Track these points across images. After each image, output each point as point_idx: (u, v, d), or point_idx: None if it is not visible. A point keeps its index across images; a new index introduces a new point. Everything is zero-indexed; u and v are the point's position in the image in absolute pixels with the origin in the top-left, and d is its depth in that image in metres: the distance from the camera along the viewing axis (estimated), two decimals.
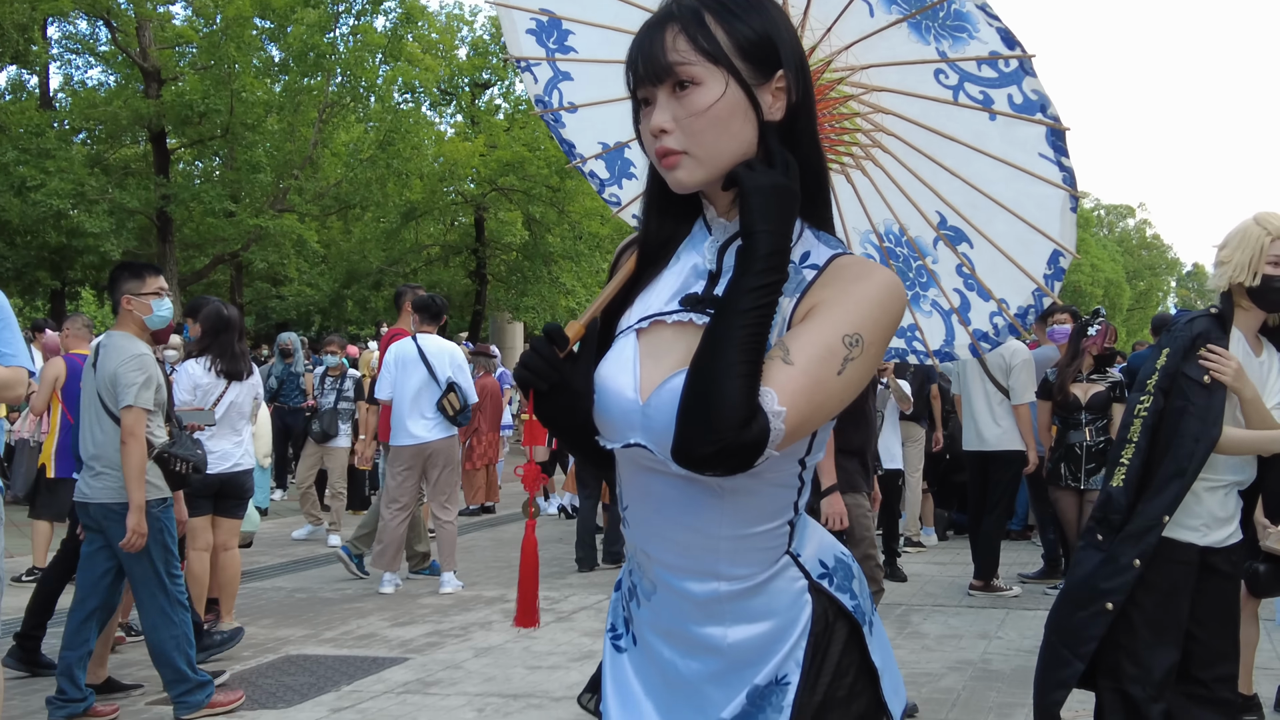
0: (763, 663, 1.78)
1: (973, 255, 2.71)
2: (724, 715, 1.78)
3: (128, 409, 5.55)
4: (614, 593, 1.99)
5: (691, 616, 1.80)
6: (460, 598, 9.03)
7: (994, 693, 6.01)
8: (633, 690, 1.87)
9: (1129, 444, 4.02)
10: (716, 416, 1.61)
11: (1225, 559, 4.06)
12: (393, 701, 6.09)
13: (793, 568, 1.82)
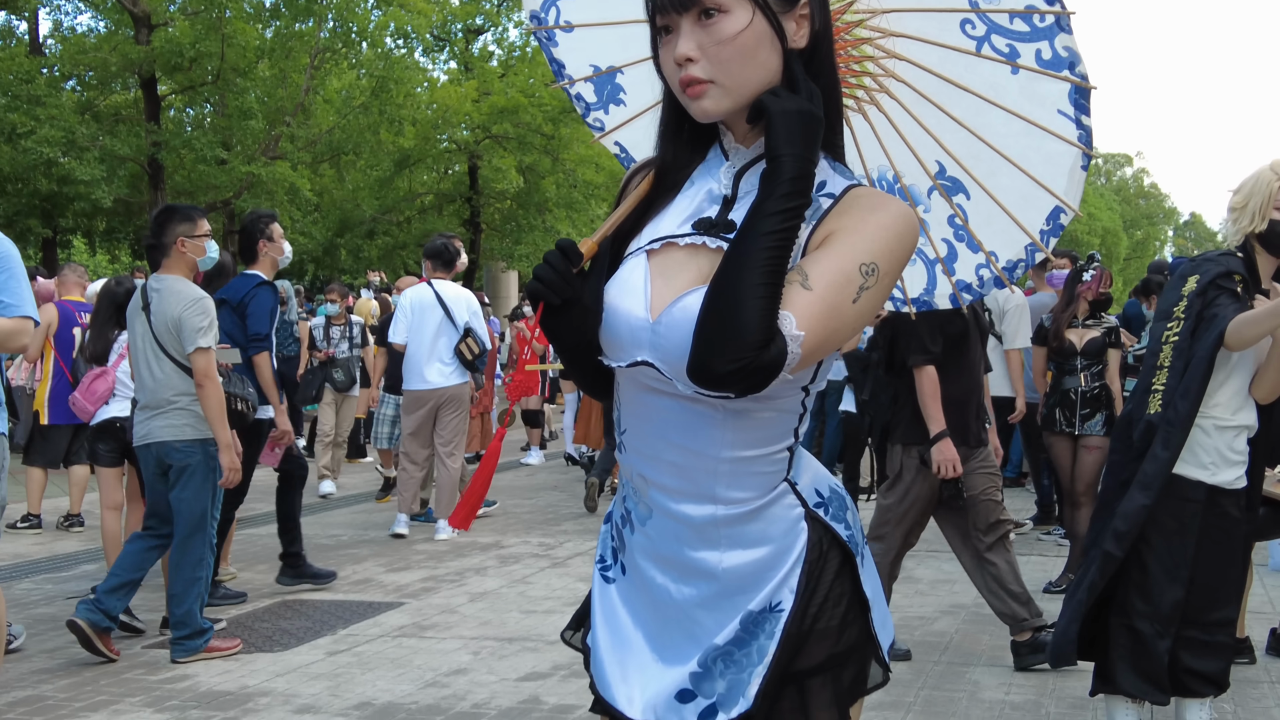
0: (757, 589, 1.79)
1: (968, 207, 2.68)
2: (717, 640, 1.78)
3: (201, 352, 5.72)
4: (604, 525, 1.99)
5: (686, 541, 1.80)
6: (455, 544, 9.06)
7: (986, 636, 6.05)
8: (621, 621, 1.87)
9: (1159, 370, 4.01)
10: (736, 336, 1.62)
11: (1233, 501, 4.06)
12: (389, 645, 6.11)
13: (790, 495, 1.82)
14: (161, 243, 5.94)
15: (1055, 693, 5.08)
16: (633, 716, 1.81)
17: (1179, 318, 4.02)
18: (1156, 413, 3.96)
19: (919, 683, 5.24)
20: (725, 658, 1.78)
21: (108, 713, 5.07)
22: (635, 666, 1.84)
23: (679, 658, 1.81)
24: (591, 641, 1.91)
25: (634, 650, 1.85)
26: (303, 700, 5.20)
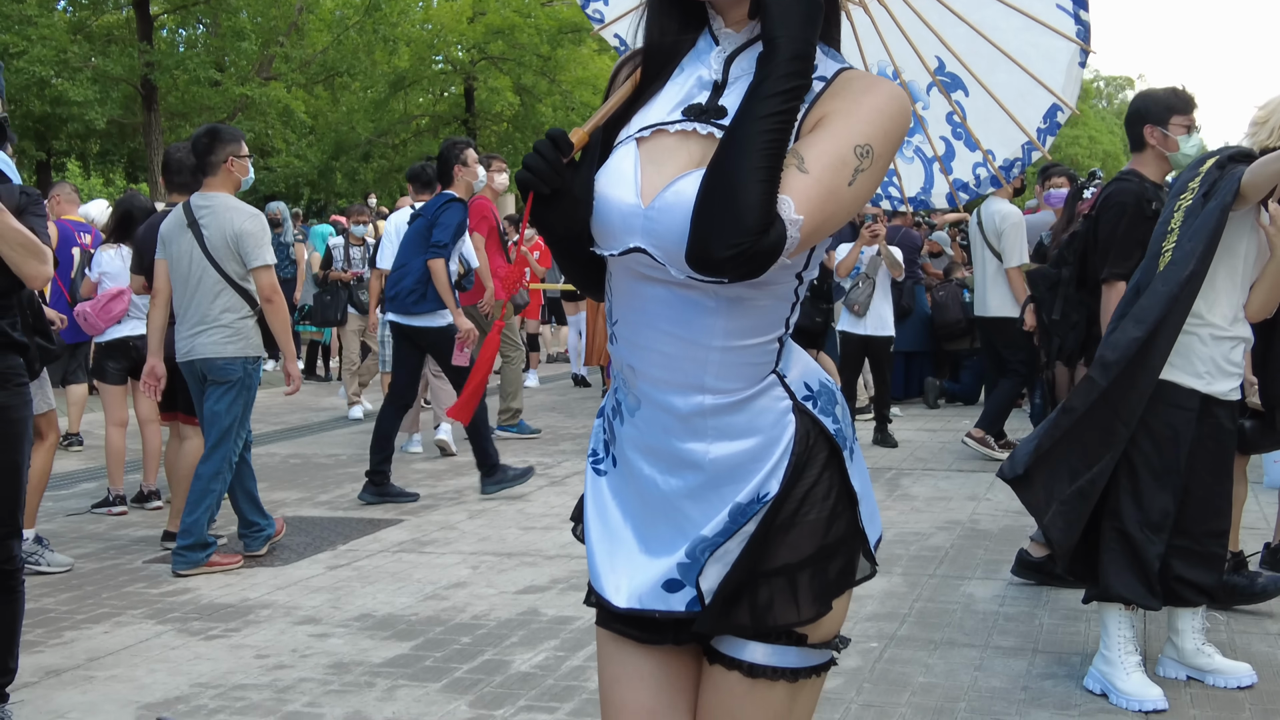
0: (744, 481, 1.79)
1: (966, 104, 2.65)
2: (705, 532, 1.79)
3: (265, 268, 5.93)
4: (597, 419, 1.99)
5: (674, 432, 1.80)
6: (455, 463, 9.10)
7: (981, 550, 6.10)
8: (611, 513, 1.88)
9: (1170, 234, 3.99)
10: (736, 220, 1.61)
11: (1227, 412, 4.07)
12: (388, 559, 6.16)
13: (778, 387, 1.82)
14: (210, 161, 5.99)
15: (1049, 604, 5.13)
16: (619, 605, 1.82)
17: (1192, 189, 4.00)
18: (1161, 271, 3.92)
19: (914, 595, 5.29)
20: (713, 549, 1.78)
21: (109, 624, 5.12)
22: (624, 557, 1.84)
23: (666, 549, 1.81)
24: (585, 532, 1.92)
25: (623, 541, 1.85)
26: (304, 612, 5.25)
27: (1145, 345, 3.88)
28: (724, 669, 1.82)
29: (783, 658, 1.80)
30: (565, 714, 3.99)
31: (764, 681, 1.80)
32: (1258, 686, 4.11)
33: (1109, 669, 4.03)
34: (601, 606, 1.90)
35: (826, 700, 4.05)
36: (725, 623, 1.79)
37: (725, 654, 1.82)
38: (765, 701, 1.81)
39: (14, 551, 3.83)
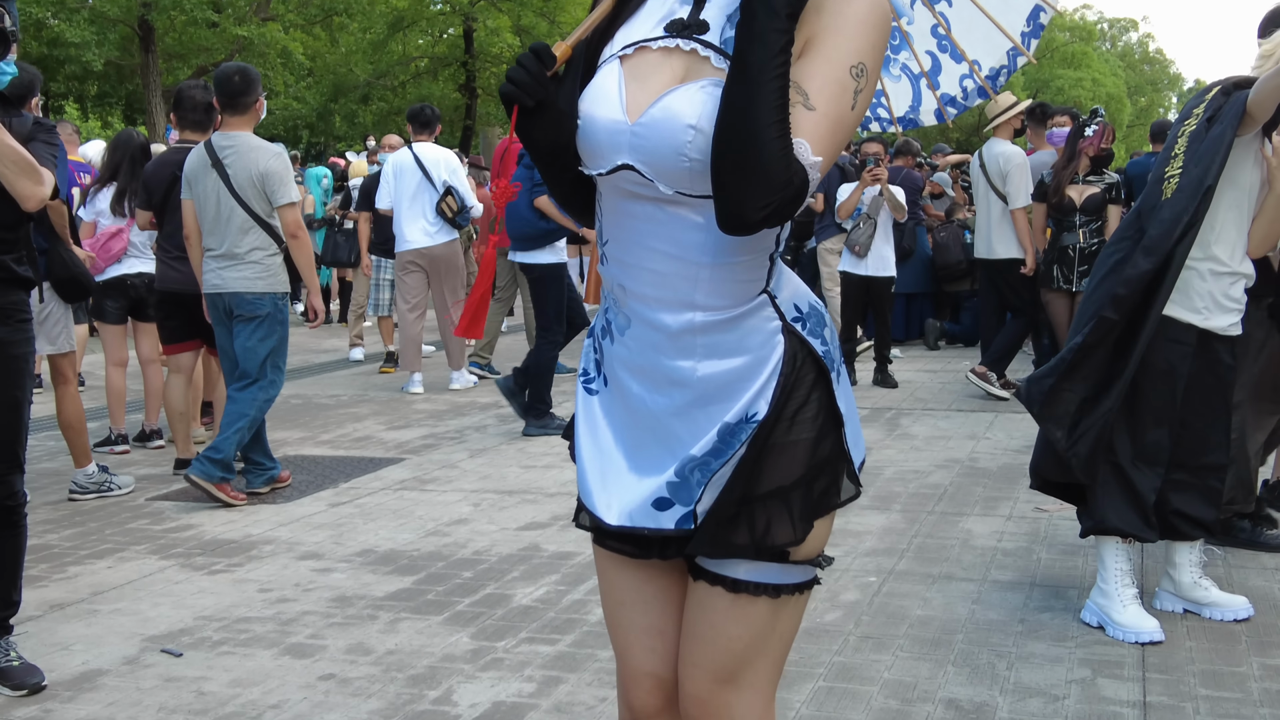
0: (733, 400, 1.79)
1: (949, 14, 2.64)
2: (694, 451, 1.80)
3: (290, 206, 6.07)
4: (586, 339, 2.00)
5: (663, 350, 1.80)
6: (455, 403, 9.12)
7: (980, 488, 6.12)
8: (602, 432, 1.89)
9: (1174, 159, 3.96)
10: (766, 180, 1.61)
11: (1226, 347, 4.07)
12: (390, 497, 6.19)
13: (768, 307, 1.82)
14: (243, 101, 6.09)
15: (1047, 540, 5.16)
16: (610, 523, 1.83)
17: (1197, 115, 3.98)
18: (1169, 198, 3.90)
19: (912, 531, 5.32)
20: (702, 468, 1.79)
21: (113, 560, 5.15)
22: (614, 475, 1.85)
23: (656, 468, 1.82)
24: (576, 449, 1.93)
25: (613, 460, 1.86)
26: (306, 548, 5.28)
27: (1155, 277, 3.87)
28: (707, 585, 1.84)
29: (765, 574, 1.82)
30: (566, 645, 4.03)
31: (746, 597, 1.82)
32: (1254, 619, 4.14)
33: (1105, 601, 4.05)
34: (594, 524, 1.92)
35: (825, 632, 4.09)
36: (725, 546, 1.80)
37: (709, 570, 1.83)
38: (748, 617, 1.83)
39: (16, 487, 3.85)
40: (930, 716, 3.42)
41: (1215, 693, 3.55)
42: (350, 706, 3.59)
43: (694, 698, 1.87)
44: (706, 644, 1.85)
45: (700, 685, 1.86)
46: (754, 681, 1.86)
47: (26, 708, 3.63)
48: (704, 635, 1.85)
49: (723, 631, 1.84)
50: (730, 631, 1.83)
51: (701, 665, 1.85)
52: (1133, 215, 4.10)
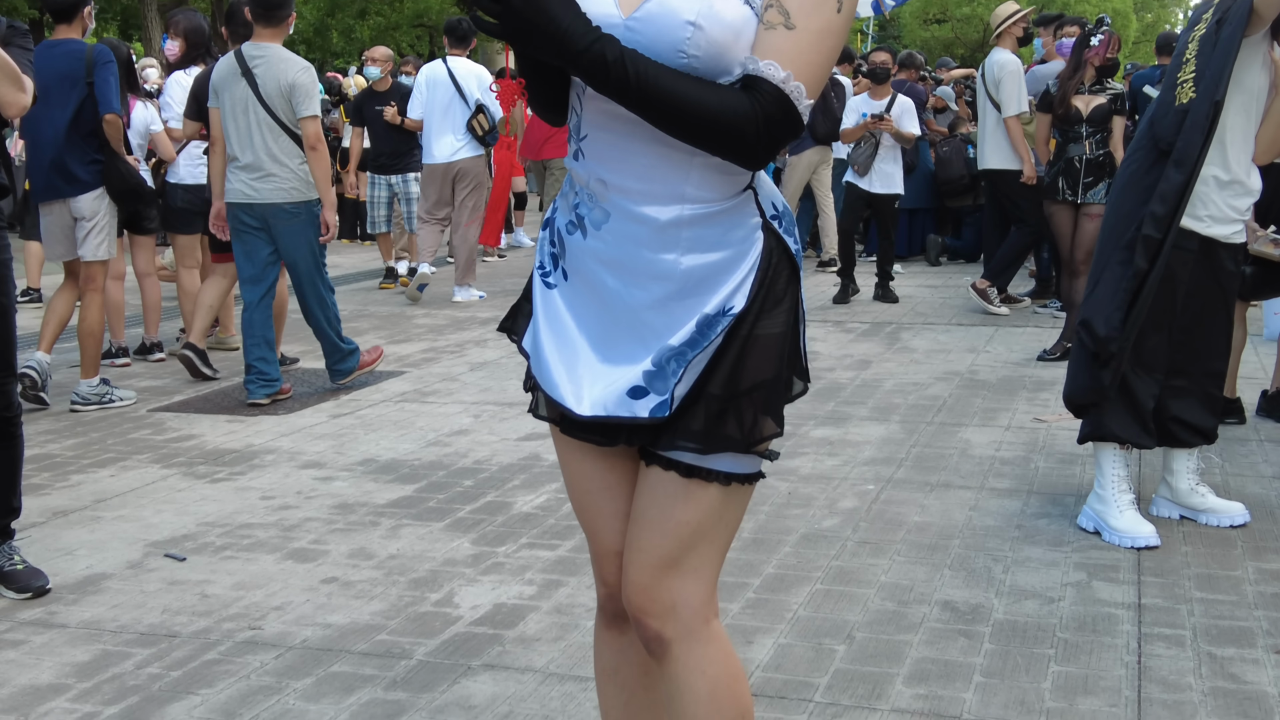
0: (712, 292, 1.81)
1: None
2: (671, 341, 1.81)
3: (313, 118, 6.21)
4: (541, 232, 1.99)
5: (646, 243, 1.80)
6: (455, 318, 9.12)
7: (979, 399, 6.13)
8: (565, 325, 1.89)
9: (1185, 64, 3.90)
10: (746, 140, 1.71)
11: (1229, 255, 4.04)
12: (391, 409, 6.20)
13: (752, 203, 1.84)
14: (279, 14, 6.26)
15: (1044, 449, 5.18)
16: (581, 413, 1.83)
17: (1206, 19, 3.92)
18: (1190, 99, 3.86)
19: (911, 441, 5.34)
20: (679, 358, 1.80)
21: (115, 469, 5.18)
22: (584, 367, 1.85)
23: (628, 359, 1.83)
24: (532, 346, 1.93)
25: (580, 353, 1.86)
26: (308, 457, 5.31)
27: (1188, 188, 3.83)
28: (660, 470, 1.86)
29: (718, 461, 1.84)
30: (566, 550, 4.06)
31: (698, 483, 1.84)
32: (1250, 526, 4.16)
33: (1102, 507, 4.08)
34: (550, 419, 1.93)
35: (823, 538, 4.12)
36: (718, 439, 1.81)
37: (662, 455, 1.85)
38: (698, 502, 1.85)
39: (13, 397, 3.83)
40: (926, 618, 3.46)
41: (1210, 595, 3.59)
42: (353, 608, 3.62)
43: (637, 584, 1.88)
44: (654, 528, 1.87)
45: (644, 572, 1.88)
46: (698, 568, 1.88)
47: (31, 610, 3.67)
48: (652, 519, 1.87)
49: (671, 515, 1.86)
50: (679, 516, 1.85)
51: (647, 550, 1.87)
52: (1145, 125, 4.05)
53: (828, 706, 2.94)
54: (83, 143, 6.12)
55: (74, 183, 6.15)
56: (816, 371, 6.85)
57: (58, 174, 6.14)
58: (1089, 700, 2.94)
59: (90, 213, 6.18)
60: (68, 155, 6.11)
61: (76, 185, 6.15)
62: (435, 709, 2.97)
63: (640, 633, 1.91)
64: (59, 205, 6.21)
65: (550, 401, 1.90)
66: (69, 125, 6.08)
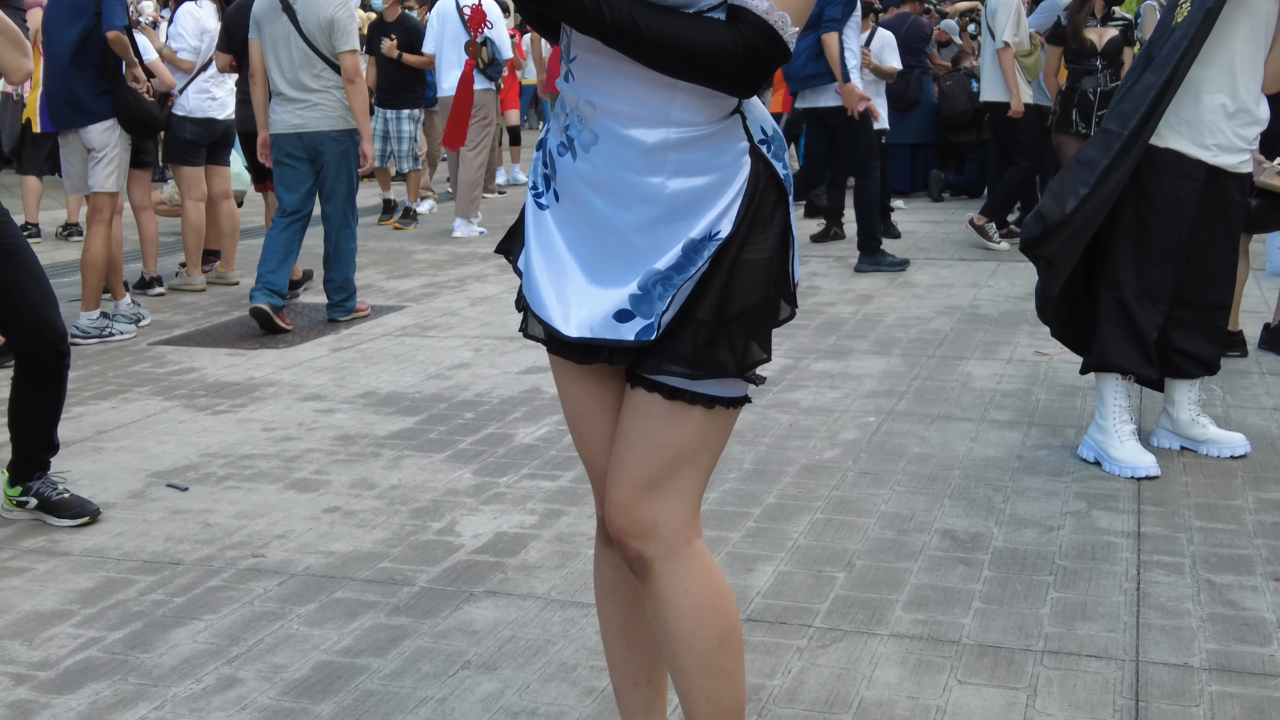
0: (698, 217, 1.80)
1: None
2: (657, 265, 1.80)
3: (351, 53, 6.42)
4: (535, 152, 1.98)
5: (633, 166, 1.79)
6: (455, 254, 9.08)
7: (981, 333, 6.12)
8: (556, 246, 1.88)
9: None
10: (734, 73, 1.72)
11: (1236, 185, 4.01)
12: (391, 343, 6.20)
13: (739, 127, 1.83)
14: None
15: (1046, 381, 5.18)
16: (568, 334, 1.83)
17: None
18: (1182, 20, 3.81)
19: (912, 374, 5.33)
20: (665, 281, 1.80)
21: (116, 401, 5.18)
22: (573, 288, 1.85)
23: (616, 281, 1.82)
24: (524, 265, 1.92)
25: (569, 274, 1.86)
26: (309, 390, 5.31)
27: (1162, 90, 3.78)
28: (645, 391, 1.86)
29: (703, 384, 1.84)
30: (567, 481, 4.07)
31: (682, 404, 1.84)
32: (1251, 456, 4.17)
33: (1103, 437, 4.08)
34: (541, 339, 1.93)
35: (823, 469, 4.12)
36: (709, 365, 1.81)
37: (647, 377, 1.85)
38: (681, 424, 1.85)
39: (63, 331, 3.79)
40: (926, 546, 3.47)
41: (1209, 524, 3.60)
42: (355, 537, 3.64)
43: (620, 505, 1.89)
44: (637, 449, 1.87)
45: (627, 492, 1.88)
46: (680, 490, 1.88)
47: (33, 538, 3.68)
48: (636, 441, 1.87)
49: (654, 437, 1.86)
50: (662, 437, 1.85)
51: (630, 471, 1.87)
52: (1144, 48, 4.01)
53: (827, 631, 2.96)
54: (93, 73, 6.17)
55: (85, 113, 6.22)
56: (818, 306, 6.83)
57: (70, 105, 6.22)
58: (1087, 625, 2.96)
59: (100, 144, 6.24)
60: (78, 86, 6.15)
61: (87, 115, 6.21)
62: (438, 634, 2.99)
63: (623, 553, 1.91)
64: (73, 136, 6.32)
65: (539, 321, 1.89)
66: (79, 56, 6.13)
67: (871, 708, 2.60)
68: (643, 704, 2.10)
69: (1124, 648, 2.85)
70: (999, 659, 2.81)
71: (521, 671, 2.80)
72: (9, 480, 3.82)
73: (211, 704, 2.68)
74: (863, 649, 2.87)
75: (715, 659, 1.90)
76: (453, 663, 2.84)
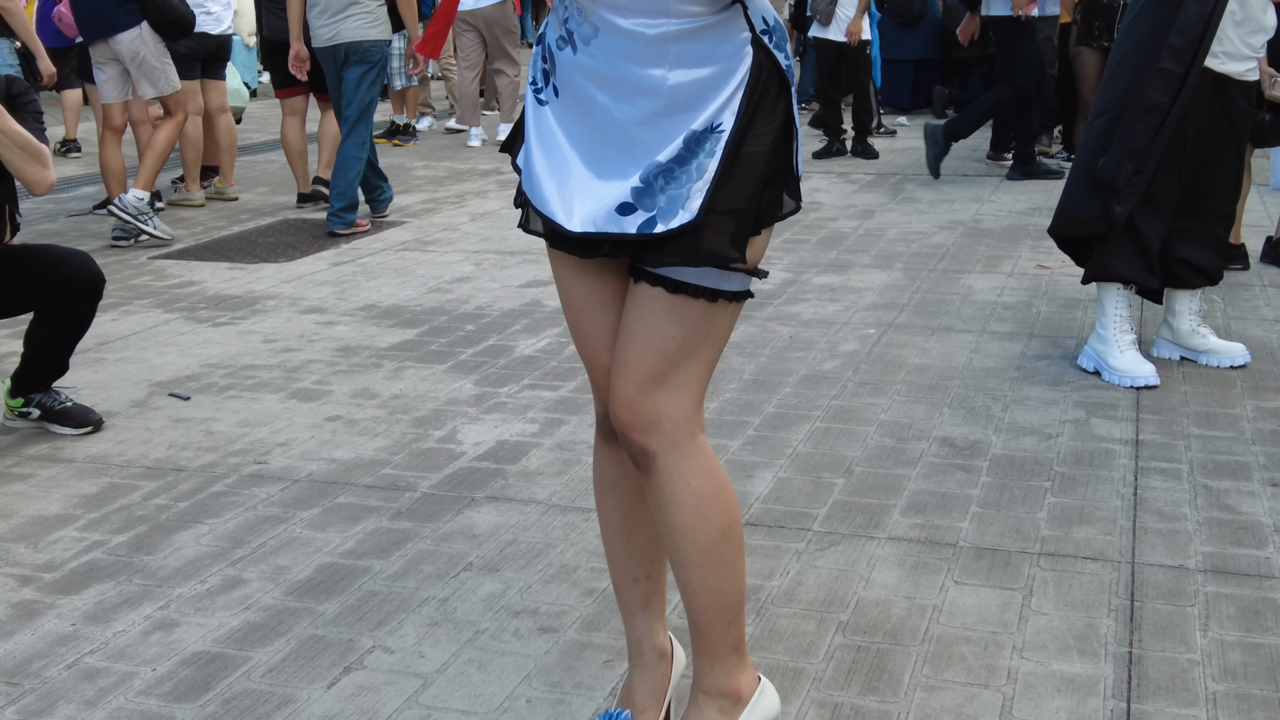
0: (700, 108, 1.78)
1: None
2: (659, 158, 1.78)
3: None
4: (534, 47, 1.95)
5: (634, 58, 1.77)
6: (455, 170, 9.04)
7: (982, 247, 6.10)
8: (557, 141, 1.86)
9: None
10: None
11: (1242, 93, 3.97)
12: (392, 257, 6.18)
13: (740, 18, 1.80)
14: None
15: (1047, 294, 5.17)
16: (571, 229, 1.82)
17: None
18: None
19: (913, 287, 5.32)
20: (666, 174, 1.78)
21: (117, 313, 5.18)
22: (575, 183, 1.84)
23: (618, 174, 1.81)
24: (524, 162, 1.91)
25: (571, 169, 1.84)
26: (309, 303, 5.31)
27: (1209, 21, 3.74)
28: (648, 285, 1.85)
29: (706, 278, 1.83)
30: (568, 391, 4.08)
31: (685, 298, 1.84)
32: (1250, 366, 4.17)
33: (1103, 347, 4.08)
34: (542, 234, 1.92)
35: (823, 379, 4.13)
36: (692, 254, 1.80)
37: (650, 271, 1.84)
38: (684, 317, 1.84)
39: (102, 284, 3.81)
40: (925, 453, 3.49)
41: (1208, 432, 3.61)
42: (357, 444, 3.65)
43: (624, 399, 1.89)
44: (641, 343, 1.86)
45: (630, 386, 1.88)
46: (684, 383, 1.88)
47: (37, 446, 3.70)
48: (639, 335, 1.87)
49: (658, 330, 1.85)
50: (665, 331, 1.85)
51: (633, 365, 1.87)
52: None
53: (825, 535, 2.98)
54: None
55: (111, 23, 6.37)
56: (819, 221, 6.80)
57: (97, 16, 6.38)
58: (1084, 529, 2.98)
59: (130, 53, 6.41)
60: None
61: (113, 25, 6.36)
62: (440, 537, 3.02)
63: (627, 447, 1.92)
64: (103, 46, 6.48)
65: (540, 217, 1.88)
66: None
67: (869, 607, 2.63)
68: (642, 599, 2.12)
69: (1120, 550, 2.87)
70: (995, 561, 2.83)
71: (523, 573, 2.82)
72: (10, 391, 3.83)
73: (216, 603, 2.71)
74: (860, 552, 2.89)
75: (716, 551, 1.92)
76: (454, 565, 2.87)
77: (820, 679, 2.36)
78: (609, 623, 2.57)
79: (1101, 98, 4.05)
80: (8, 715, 2.29)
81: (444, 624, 2.60)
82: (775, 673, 2.36)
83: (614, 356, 1.92)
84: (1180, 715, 2.22)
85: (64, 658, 2.49)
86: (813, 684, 2.34)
